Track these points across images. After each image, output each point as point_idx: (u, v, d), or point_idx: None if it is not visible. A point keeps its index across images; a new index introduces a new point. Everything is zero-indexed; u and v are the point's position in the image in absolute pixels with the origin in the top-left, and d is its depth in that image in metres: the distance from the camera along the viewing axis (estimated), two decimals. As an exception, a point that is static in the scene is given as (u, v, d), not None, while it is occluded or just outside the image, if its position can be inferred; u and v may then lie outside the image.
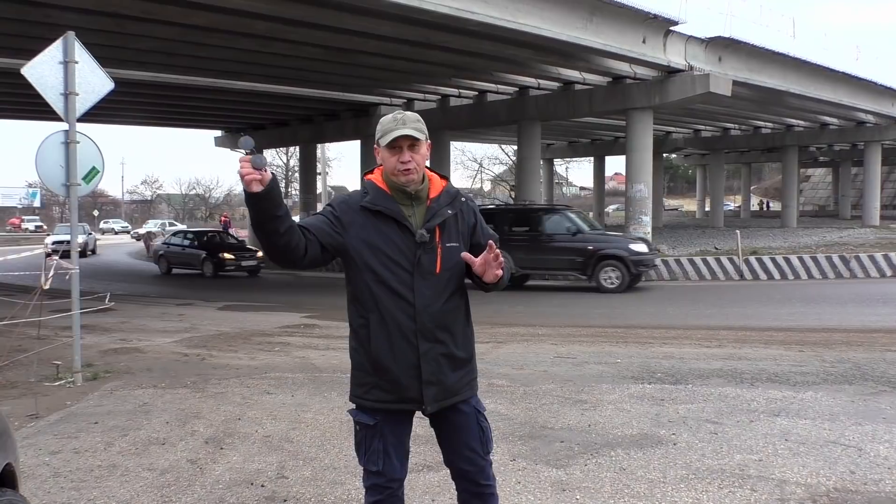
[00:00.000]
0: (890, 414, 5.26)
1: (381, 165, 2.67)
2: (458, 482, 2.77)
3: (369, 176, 2.69)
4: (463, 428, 2.68)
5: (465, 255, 2.58)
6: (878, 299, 13.32)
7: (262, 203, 2.36)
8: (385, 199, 2.57)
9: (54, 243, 24.63)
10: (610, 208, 60.11)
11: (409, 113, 2.60)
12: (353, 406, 2.68)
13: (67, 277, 7.00)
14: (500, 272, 2.55)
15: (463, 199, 2.69)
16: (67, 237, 7.99)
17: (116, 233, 60.66)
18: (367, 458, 2.61)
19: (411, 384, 2.56)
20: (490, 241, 2.55)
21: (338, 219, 2.57)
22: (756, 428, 4.94)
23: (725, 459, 4.32)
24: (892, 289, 14.65)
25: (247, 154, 2.30)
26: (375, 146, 2.61)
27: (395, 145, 2.54)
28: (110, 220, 69.53)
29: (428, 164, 2.68)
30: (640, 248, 16.18)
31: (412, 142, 2.55)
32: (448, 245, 2.59)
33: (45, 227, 57.75)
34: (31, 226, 60.54)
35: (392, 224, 2.55)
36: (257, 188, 2.32)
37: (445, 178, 2.71)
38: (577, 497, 3.79)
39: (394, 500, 2.64)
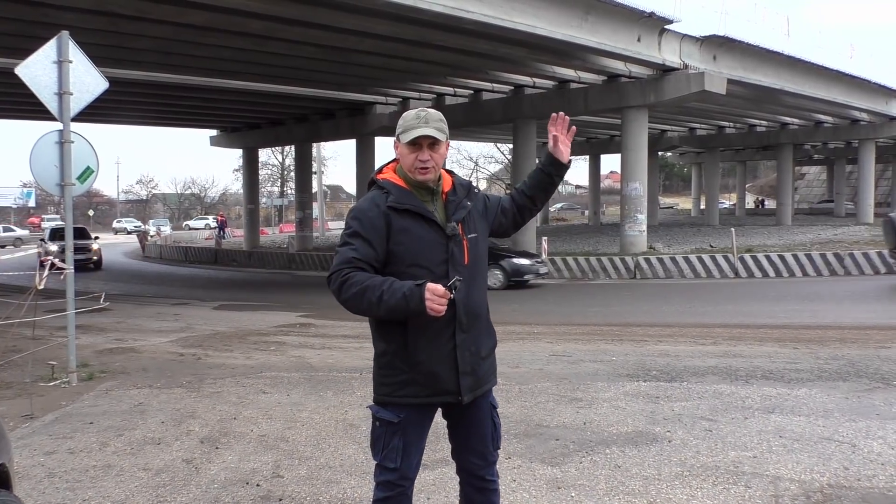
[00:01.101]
0: (883, 410, 5.28)
1: (390, 163, 2.71)
2: (463, 476, 2.79)
3: (382, 176, 2.68)
4: (478, 423, 2.71)
5: (550, 145, 2.82)
6: (871, 296, 13.38)
7: (411, 317, 2.48)
8: (409, 197, 2.59)
9: (62, 251, 22.87)
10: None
11: (432, 111, 2.62)
12: (372, 402, 2.67)
13: (62, 277, 6.98)
14: (570, 141, 2.83)
15: (476, 189, 2.77)
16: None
17: (130, 232, 60.45)
18: (385, 454, 2.61)
19: (449, 376, 2.58)
20: (553, 114, 2.77)
21: (377, 236, 2.54)
22: (750, 425, 4.95)
23: (720, 456, 4.33)
24: (887, 286, 14.69)
25: (451, 291, 2.43)
26: (396, 140, 2.63)
27: (416, 143, 2.57)
28: (122, 220, 69.36)
29: None
30: None
31: (432, 141, 2.58)
32: (470, 236, 2.65)
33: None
34: (51, 225, 60.32)
35: (420, 220, 2.57)
36: (429, 313, 2.42)
37: (450, 171, 2.76)
38: (573, 495, 3.80)
39: (402, 499, 2.65)
